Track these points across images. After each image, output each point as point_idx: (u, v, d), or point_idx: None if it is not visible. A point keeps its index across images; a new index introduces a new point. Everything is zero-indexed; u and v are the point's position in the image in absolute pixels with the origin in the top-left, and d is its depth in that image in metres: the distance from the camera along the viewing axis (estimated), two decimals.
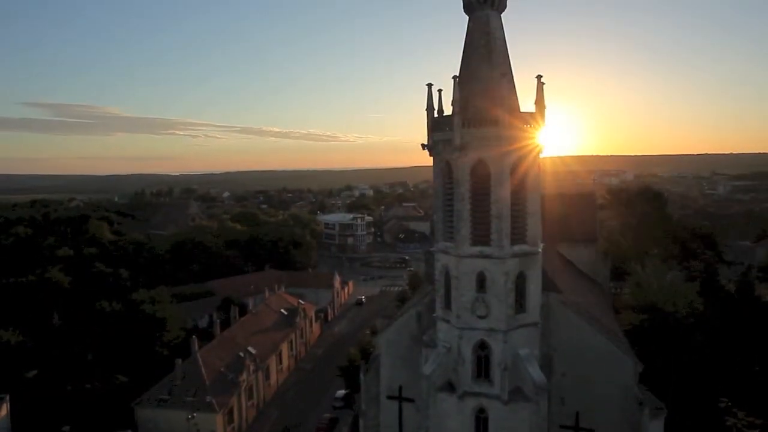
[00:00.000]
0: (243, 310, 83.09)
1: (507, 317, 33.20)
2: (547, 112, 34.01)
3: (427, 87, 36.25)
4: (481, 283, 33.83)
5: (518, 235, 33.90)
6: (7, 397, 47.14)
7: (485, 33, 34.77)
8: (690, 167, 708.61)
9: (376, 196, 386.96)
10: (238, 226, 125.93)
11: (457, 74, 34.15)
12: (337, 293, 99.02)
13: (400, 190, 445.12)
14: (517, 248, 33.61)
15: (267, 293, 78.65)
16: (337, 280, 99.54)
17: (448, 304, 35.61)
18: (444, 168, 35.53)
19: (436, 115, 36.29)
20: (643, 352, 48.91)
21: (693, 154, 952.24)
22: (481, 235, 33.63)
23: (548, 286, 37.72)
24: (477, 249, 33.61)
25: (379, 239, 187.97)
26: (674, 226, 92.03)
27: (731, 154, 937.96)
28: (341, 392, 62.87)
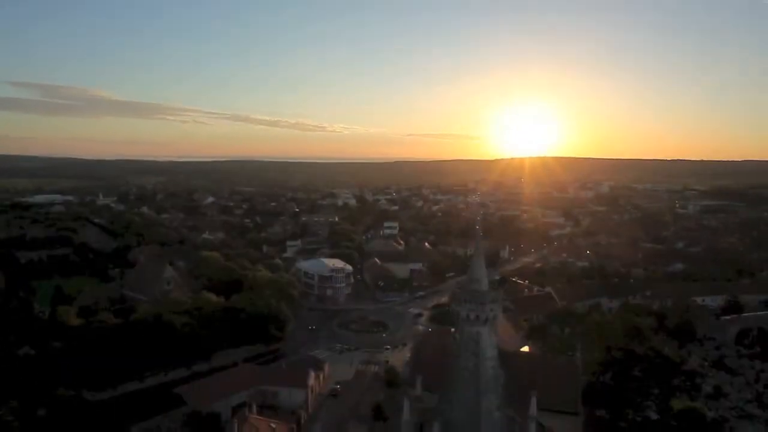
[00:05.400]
0: (215, 421, 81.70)
1: None
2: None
3: None
4: None
5: None
6: None
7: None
8: (664, 176, 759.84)
9: (360, 206, 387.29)
10: (214, 297, 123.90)
11: None
12: (312, 390, 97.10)
13: (384, 200, 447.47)
14: None
15: (235, 423, 75.91)
16: (311, 376, 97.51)
17: None
18: None
19: None
20: None
21: (667, 160, 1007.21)
22: None
23: None
24: None
25: (359, 279, 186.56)
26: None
27: (704, 161, 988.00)
28: None
